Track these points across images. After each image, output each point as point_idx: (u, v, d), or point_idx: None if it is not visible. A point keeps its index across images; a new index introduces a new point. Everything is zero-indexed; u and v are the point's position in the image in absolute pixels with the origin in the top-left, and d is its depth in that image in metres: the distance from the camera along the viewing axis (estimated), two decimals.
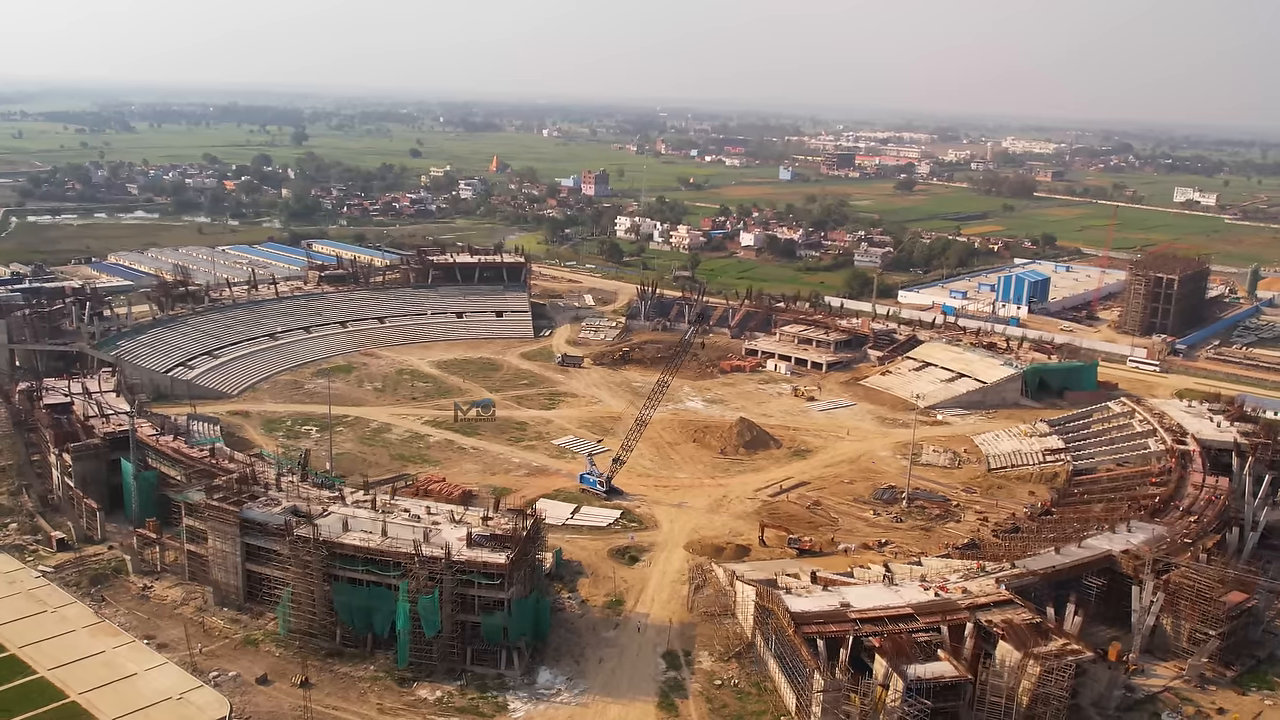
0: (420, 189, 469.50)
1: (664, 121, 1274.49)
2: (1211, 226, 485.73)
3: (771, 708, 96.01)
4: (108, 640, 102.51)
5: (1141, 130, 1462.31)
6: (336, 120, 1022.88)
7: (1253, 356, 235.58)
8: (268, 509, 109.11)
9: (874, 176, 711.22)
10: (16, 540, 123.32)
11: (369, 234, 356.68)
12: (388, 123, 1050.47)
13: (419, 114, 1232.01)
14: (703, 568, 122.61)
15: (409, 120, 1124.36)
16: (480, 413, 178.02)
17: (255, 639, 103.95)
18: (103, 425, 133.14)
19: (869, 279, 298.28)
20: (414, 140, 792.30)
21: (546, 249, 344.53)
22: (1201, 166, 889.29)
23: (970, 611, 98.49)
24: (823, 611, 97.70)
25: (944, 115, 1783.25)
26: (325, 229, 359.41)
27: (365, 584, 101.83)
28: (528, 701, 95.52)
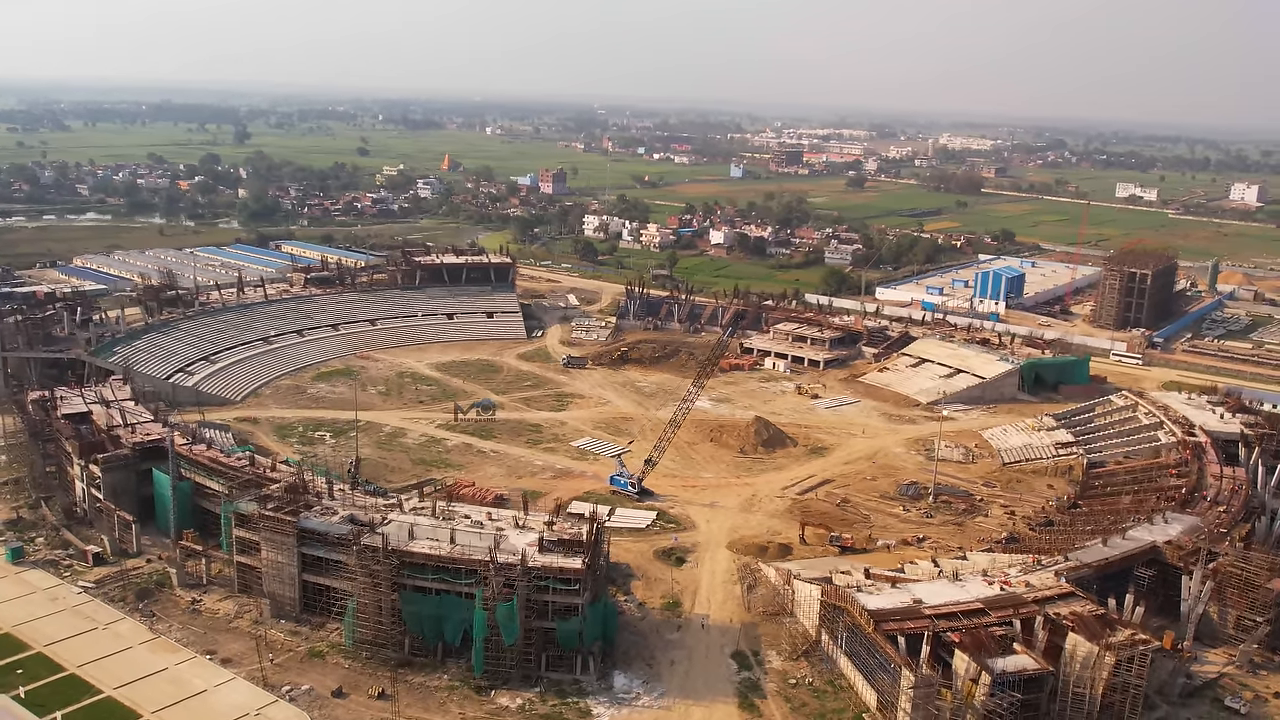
0: (379, 188, 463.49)
1: (604, 119, 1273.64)
2: (1158, 221, 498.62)
3: (851, 705, 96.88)
4: (168, 656, 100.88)
5: (1073, 127, 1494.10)
6: (275, 118, 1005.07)
7: (1226, 349, 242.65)
8: (325, 518, 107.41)
9: (823, 173, 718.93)
10: (47, 555, 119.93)
11: (335, 234, 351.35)
12: (327, 121, 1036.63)
13: (356, 111, 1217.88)
14: (750, 567, 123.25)
15: (347, 118, 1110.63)
16: (480, 413, 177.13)
17: (320, 651, 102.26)
18: (129, 435, 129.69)
19: (845, 276, 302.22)
20: (358, 139, 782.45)
21: (518, 248, 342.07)
22: (1135, 162, 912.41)
23: (1038, 605, 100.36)
24: (898, 608, 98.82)
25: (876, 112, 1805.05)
26: (291, 230, 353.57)
27: (434, 592, 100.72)
28: (610, 706, 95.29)
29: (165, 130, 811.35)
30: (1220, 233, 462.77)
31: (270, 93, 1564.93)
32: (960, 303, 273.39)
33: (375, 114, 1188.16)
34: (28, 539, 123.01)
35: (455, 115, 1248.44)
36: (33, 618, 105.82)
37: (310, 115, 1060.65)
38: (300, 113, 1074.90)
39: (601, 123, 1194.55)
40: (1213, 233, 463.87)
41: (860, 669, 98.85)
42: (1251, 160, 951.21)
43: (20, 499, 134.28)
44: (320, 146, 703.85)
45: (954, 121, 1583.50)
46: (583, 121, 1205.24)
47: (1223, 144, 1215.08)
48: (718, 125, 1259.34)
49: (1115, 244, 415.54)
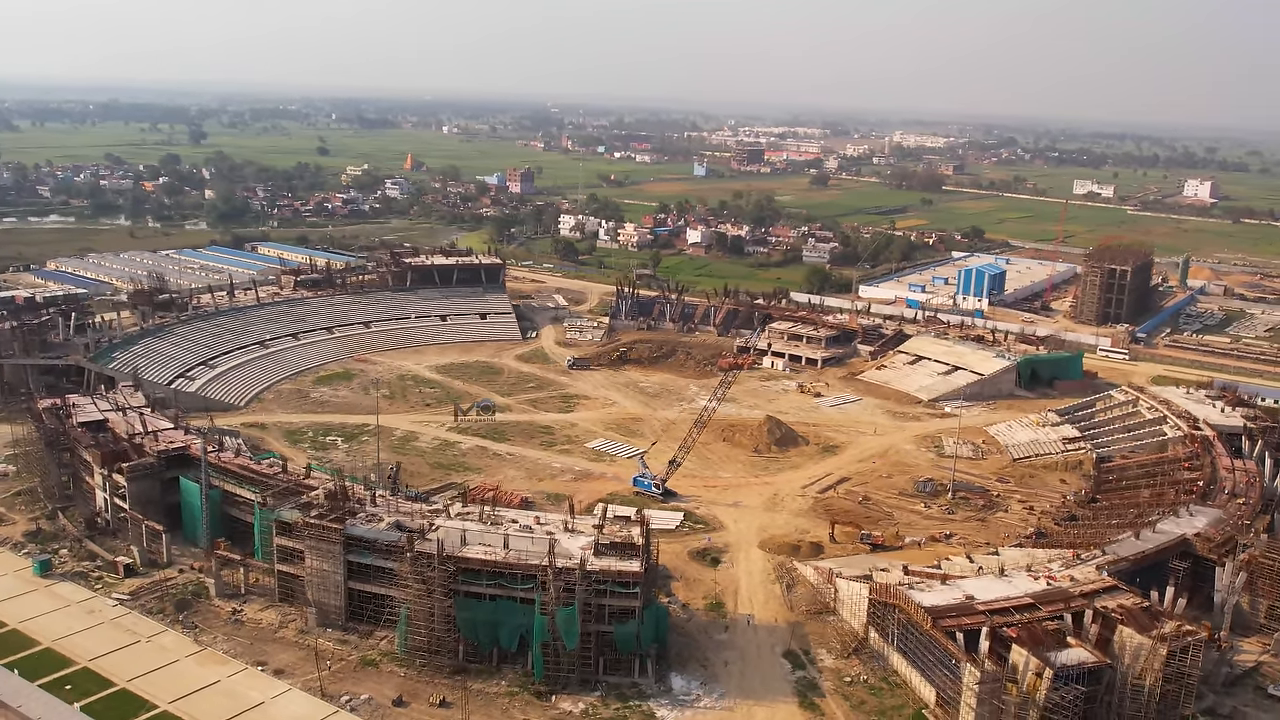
0: (348, 188, 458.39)
1: (559, 118, 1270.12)
2: (1118, 218, 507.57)
3: (909, 702, 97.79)
4: (218, 669, 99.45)
5: (1021, 125, 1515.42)
6: (227, 118, 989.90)
7: (1206, 343, 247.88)
8: (372, 525, 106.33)
9: (784, 171, 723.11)
10: (75, 567, 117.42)
11: (309, 235, 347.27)
12: (280, 120, 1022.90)
13: (308, 110, 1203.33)
14: (785, 566, 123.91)
15: (300, 117, 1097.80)
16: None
17: (372, 659, 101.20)
18: (152, 443, 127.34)
19: (828, 274, 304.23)
20: (316, 138, 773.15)
21: (496, 248, 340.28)
22: (1087, 159, 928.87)
23: (1085, 599, 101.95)
24: (953, 605, 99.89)
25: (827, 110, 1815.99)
26: (265, 232, 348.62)
27: (489, 598, 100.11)
28: (673, 709, 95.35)
29: (116, 130, 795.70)
30: (1180, 228, 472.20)
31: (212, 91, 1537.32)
32: (943, 300, 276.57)
33: (328, 113, 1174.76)
34: (50, 551, 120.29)
35: (408, 114, 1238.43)
36: (71, 632, 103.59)
37: (263, 115, 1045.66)
38: (252, 112, 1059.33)
39: (557, 121, 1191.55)
40: (1172, 228, 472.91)
41: (915, 666, 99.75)
42: (1199, 157, 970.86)
43: (36, 510, 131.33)
44: (278, 146, 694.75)
45: (904, 120, 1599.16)
46: (538, 120, 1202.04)
47: (1168, 140, 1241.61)
48: (673, 124, 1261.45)
49: (1081, 240, 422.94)
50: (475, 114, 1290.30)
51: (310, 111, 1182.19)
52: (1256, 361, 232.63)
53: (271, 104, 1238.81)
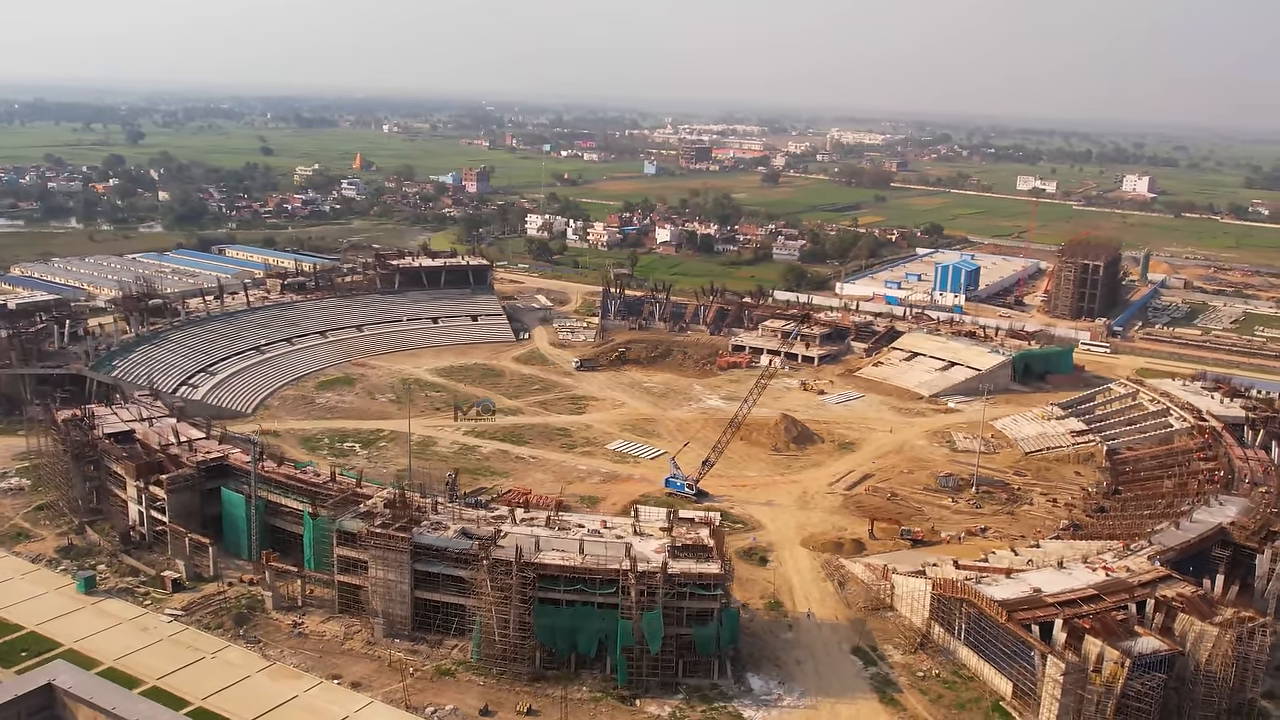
0: (305, 189, 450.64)
1: (498, 116, 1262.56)
2: (1065, 213, 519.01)
3: (985, 695, 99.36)
4: (292, 683, 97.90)
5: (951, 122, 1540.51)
6: (160, 117, 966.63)
7: (1179, 336, 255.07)
8: (439, 534, 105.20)
9: (732, 169, 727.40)
10: (117, 583, 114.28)
11: (273, 237, 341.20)
12: (215, 119, 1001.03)
13: (241, 109, 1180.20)
14: (833, 564, 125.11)
15: (234, 116, 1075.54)
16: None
17: (448, 669, 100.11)
18: (189, 453, 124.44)
19: (804, 272, 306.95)
20: (256, 138, 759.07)
21: (481, 250, 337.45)
22: (1022, 155, 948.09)
23: (1145, 588, 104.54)
24: (1024, 598, 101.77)
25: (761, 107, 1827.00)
26: (232, 234, 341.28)
27: (566, 604, 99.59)
28: (758, 709, 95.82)
29: (48, 130, 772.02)
30: (1126, 223, 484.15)
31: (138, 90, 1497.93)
32: (921, 296, 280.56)
33: (262, 112, 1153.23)
34: (87, 567, 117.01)
35: (343, 112, 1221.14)
36: (130, 650, 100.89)
37: (196, 114, 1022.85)
38: (185, 111, 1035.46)
39: (497, 119, 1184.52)
40: (1119, 223, 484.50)
41: (987, 659, 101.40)
42: (1129, 153, 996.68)
43: (62, 525, 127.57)
44: (219, 146, 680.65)
45: (837, 116, 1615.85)
46: (477, 118, 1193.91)
47: (1095, 136, 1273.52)
48: (613, 122, 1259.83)
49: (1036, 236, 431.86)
50: (411, 112, 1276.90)
51: (243, 110, 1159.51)
52: (1229, 353, 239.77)
53: (201, 103, 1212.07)
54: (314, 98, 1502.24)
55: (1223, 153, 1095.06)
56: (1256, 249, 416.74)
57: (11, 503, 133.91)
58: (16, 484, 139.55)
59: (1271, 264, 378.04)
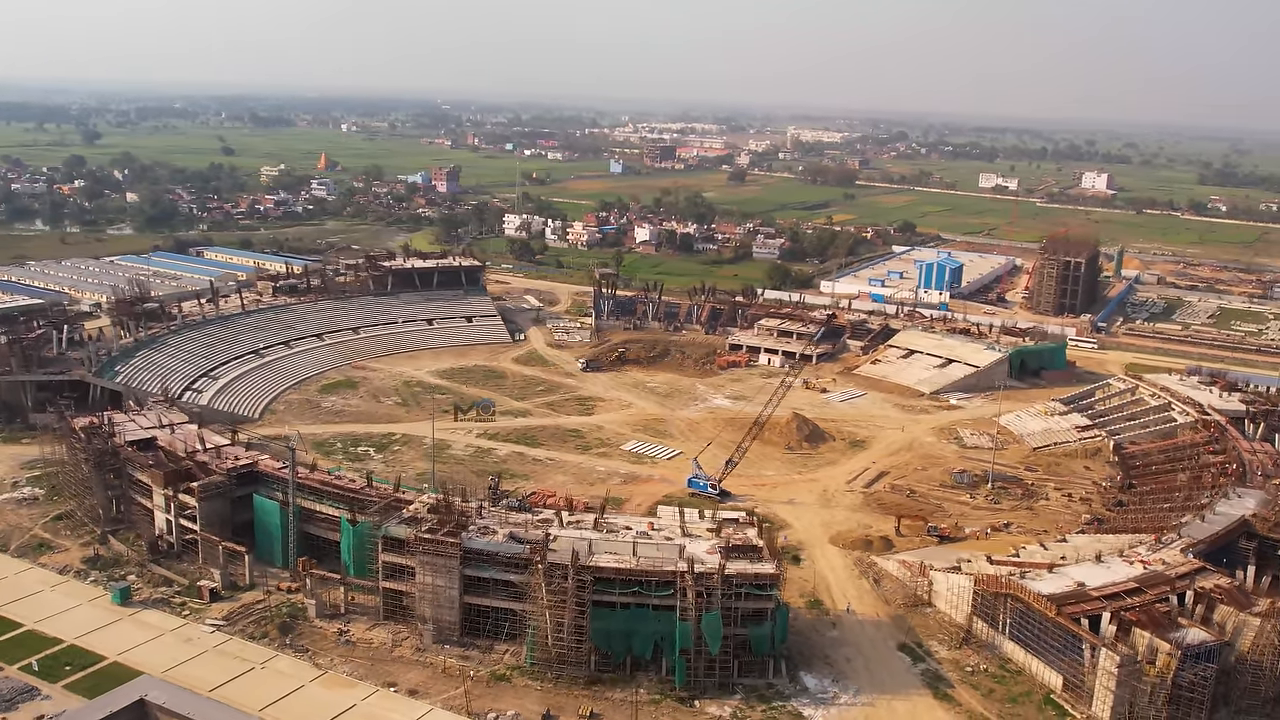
0: (277, 189, 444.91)
1: (455, 115, 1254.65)
2: (1030, 210, 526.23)
3: (1036, 688, 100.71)
4: (349, 692, 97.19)
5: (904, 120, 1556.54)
6: (113, 117, 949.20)
7: (1160, 331, 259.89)
8: (489, 538, 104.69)
9: (697, 167, 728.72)
10: (151, 594, 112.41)
11: (241, 238, 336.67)
12: (166, 119, 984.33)
13: (194, 109, 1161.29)
14: (865, 561, 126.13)
15: (188, 116, 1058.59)
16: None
17: (503, 674, 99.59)
18: (217, 460, 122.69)
19: (789, 271, 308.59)
20: (214, 138, 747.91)
21: (446, 249, 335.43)
22: (978, 152, 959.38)
23: (1185, 580, 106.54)
24: (1071, 592, 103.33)
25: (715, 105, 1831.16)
26: (209, 235, 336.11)
27: (621, 606, 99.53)
28: (817, 707, 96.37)
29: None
30: (1091, 220, 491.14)
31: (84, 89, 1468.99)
32: (906, 294, 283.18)
33: (215, 111, 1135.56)
34: (118, 577, 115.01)
35: (297, 112, 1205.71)
36: (177, 662, 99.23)
37: (149, 113, 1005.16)
38: (138, 111, 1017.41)
39: (455, 119, 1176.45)
40: (1084, 220, 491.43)
41: (1034, 653, 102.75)
42: (1082, 150, 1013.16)
43: (84, 535, 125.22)
44: (178, 146, 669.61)
45: (792, 115, 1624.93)
46: (435, 117, 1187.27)
47: (1046, 134, 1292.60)
48: (572, 120, 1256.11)
49: (1003, 234, 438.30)
50: (367, 111, 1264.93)
51: (196, 110, 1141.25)
52: (1211, 347, 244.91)
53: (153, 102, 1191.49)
54: (267, 97, 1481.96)
55: (1172, 149, 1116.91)
56: (1220, 244, 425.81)
57: (28, 512, 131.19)
58: (30, 493, 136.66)
59: (1237, 259, 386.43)
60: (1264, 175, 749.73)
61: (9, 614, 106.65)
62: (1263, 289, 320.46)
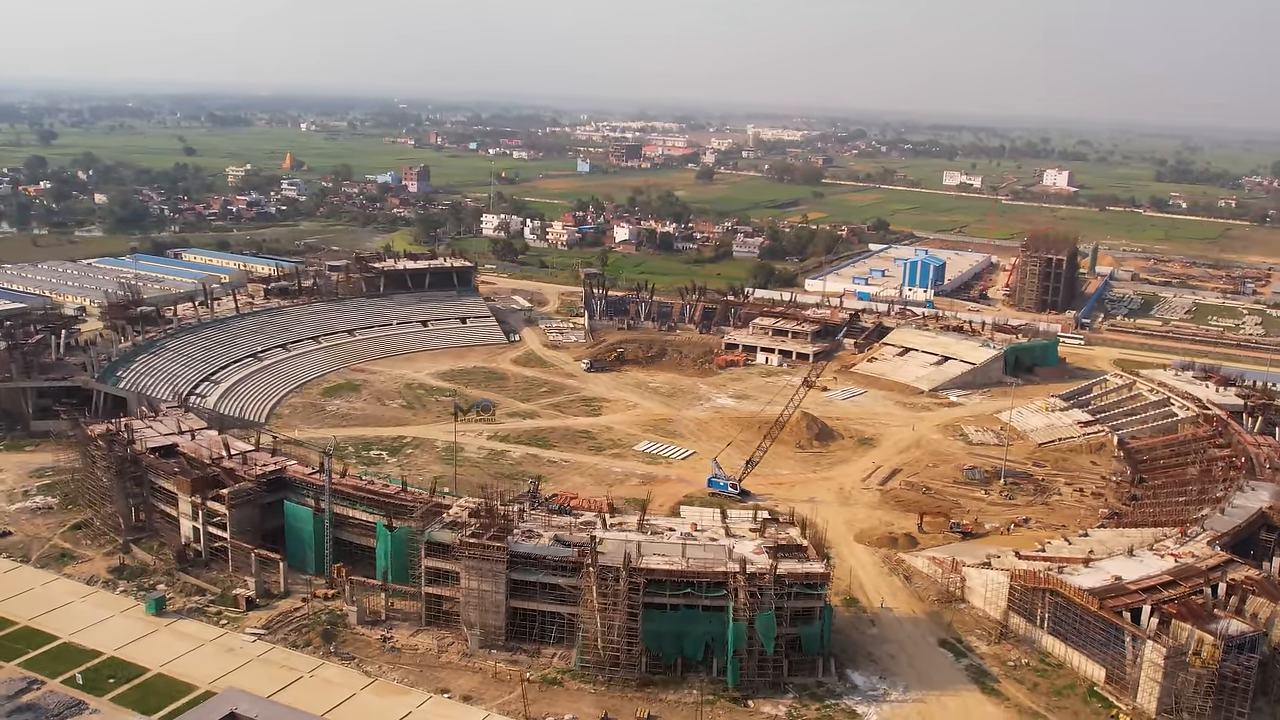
0: (248, 190, 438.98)
1: (414, 114, 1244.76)
2: (999, 208, 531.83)
3: (1078, 681, 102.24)
4: (403, 699, 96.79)
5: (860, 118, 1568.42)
6: (66, 116, 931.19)
7: (1142, 326, 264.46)
8: (535, 542, 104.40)
9: (663, 166, 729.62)
10: (185, 603, 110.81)
11: (218, 239, 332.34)
12: (121, 118, 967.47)
13: (148, 108, 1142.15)
14: (893, 558, 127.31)
15: (143, 115, 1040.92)
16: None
17: (553, 678, 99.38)
18: (244, 466, 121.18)
19: (772, 270, 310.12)
20: (173, 137, 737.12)
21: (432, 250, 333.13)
22: (938, 150, 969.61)
23: (1217, 572, 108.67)
24: (1110, 586, 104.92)
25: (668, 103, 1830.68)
26: (186, 237, 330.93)
27: (672, 608, 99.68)
28: (869, 705, 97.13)
29: None
30: (1057, 217, 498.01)
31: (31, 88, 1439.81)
32: (891, 291, 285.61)
33: (170, 110, 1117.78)
34: (146, 586, 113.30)
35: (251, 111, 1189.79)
36: (223, 673, 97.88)
37: (103, 113, 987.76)
38: (92, 110, 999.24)
39: (415, 118, 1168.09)
40: (1049, 217, 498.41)
41: (1075, 646, 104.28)
42: (1039, 147, 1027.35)
43: (105, 544, 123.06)
44: (138, 146, 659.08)
45: (749, 113, 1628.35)
46: (394, 117, 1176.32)
47: (1001, 131, 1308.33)
48: (530, 119, 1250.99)
49: (973, 231, 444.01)
50: (324, 110, 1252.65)
51: (150, 109, 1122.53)
52: (1193, 342, 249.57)
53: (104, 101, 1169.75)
54: (220, 96, 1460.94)
55: (1125, 146, 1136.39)
56: (1185, 241, 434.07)
57: (44, 522, 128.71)
58: (43, 502, 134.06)
59: (1203, 255, 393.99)
60: (1217, 172, 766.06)
61: (43, 626, 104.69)
62: (1233, 284, 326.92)
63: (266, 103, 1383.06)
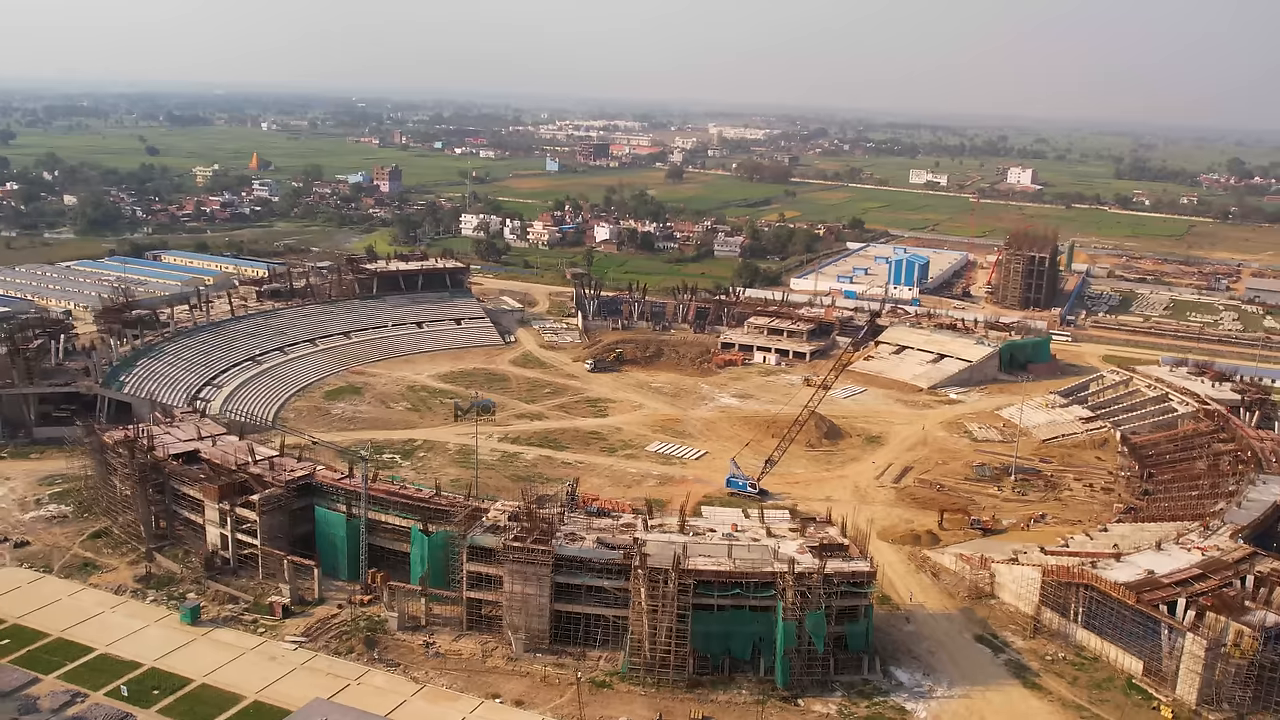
0: (223, 191, 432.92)
1: (375, 113, 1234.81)
2: (965, 206, 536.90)
3: (1116, 674, 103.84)
4: (455, 705, 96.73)
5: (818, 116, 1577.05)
6: (20, 115, 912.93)
7: (1124, 323, 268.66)
8: (579, 545, 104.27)
9: (631, 165, 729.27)
10: (219, 612, 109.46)
11: (195, 241, 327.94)
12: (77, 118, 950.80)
13: (103, 107, 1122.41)
14: (918, 555, 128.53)
15: (98, 114, 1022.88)
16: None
17: (602, 681, 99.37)
18: (270, 471, 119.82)
19: (756, 268, 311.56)
20: (133, 137, 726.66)
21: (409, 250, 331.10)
22: (900, 149, 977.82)
23: (1244, 564, 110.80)
24: (1144, 580, 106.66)
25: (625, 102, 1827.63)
26: (163, 239, 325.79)
27: (719, 609, 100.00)
28: (917, 702, 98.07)
29: None
30: (1025, 215, 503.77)
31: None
32: (877, 290, 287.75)
33: (126, 110, 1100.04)
34: (177, 595, 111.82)
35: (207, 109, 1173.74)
36: (268, 682, 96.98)
37: (58, 112, 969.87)
38: (46, 109, 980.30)
39: (376, 116, 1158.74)
40: (1017, 215, 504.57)
41: (1111, 640, 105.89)
42: (998, 145, 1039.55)
43: (127, 552, 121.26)
44: (100, 146, 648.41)
45: (708, 111, 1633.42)
46: (355, 116, 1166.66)
47: (957, 129, 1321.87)
48: (491, 118, 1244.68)
49: (945, 229, 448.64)
50: (281, 109, 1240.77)
51: (105, 108, 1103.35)
52: (1175, 338, 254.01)
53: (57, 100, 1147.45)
54: (174, 95, 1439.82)
55: (1081, 144, 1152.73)
56: (1153, 238, 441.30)
57: (62, 531, 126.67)
58: (57, 511, 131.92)
59: (1172, 252, 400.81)
60: (1175, 170, 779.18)
61: (76, 637, 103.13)
62: (1206, 281, 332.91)
63: (223, 101, 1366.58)
